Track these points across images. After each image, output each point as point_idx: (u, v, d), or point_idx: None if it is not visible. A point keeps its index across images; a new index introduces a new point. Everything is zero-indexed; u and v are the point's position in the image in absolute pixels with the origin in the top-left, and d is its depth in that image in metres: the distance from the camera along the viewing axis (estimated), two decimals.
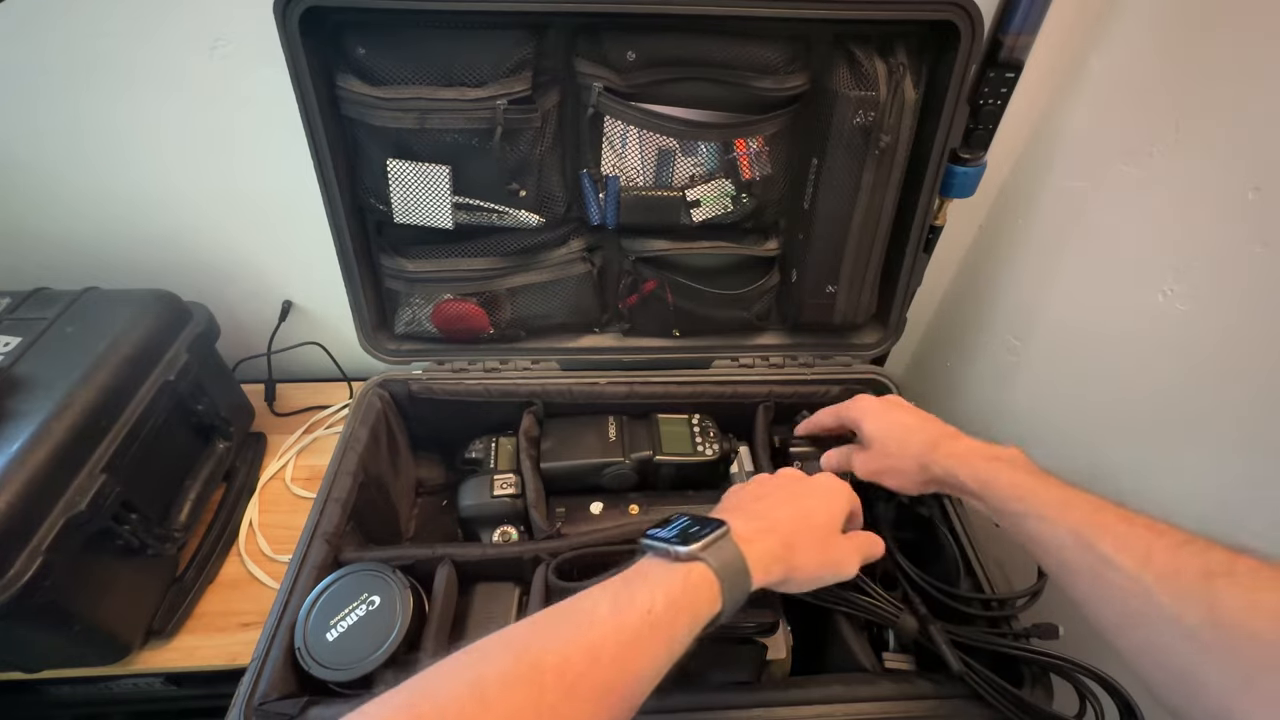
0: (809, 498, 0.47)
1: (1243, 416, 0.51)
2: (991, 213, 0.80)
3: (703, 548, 0.38)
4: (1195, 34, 0.54)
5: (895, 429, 0.56)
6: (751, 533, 0.41)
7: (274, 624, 0.51)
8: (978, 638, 0.50)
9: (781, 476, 0.50)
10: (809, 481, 0.49)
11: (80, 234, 0.82)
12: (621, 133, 0.62)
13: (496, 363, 0.74)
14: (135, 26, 0.66)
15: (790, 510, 0.45)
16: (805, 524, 0.45)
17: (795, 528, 0.44)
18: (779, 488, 0.48)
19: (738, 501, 0.48)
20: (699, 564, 0.38)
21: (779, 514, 0.45)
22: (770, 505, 0.46)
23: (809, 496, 0.47)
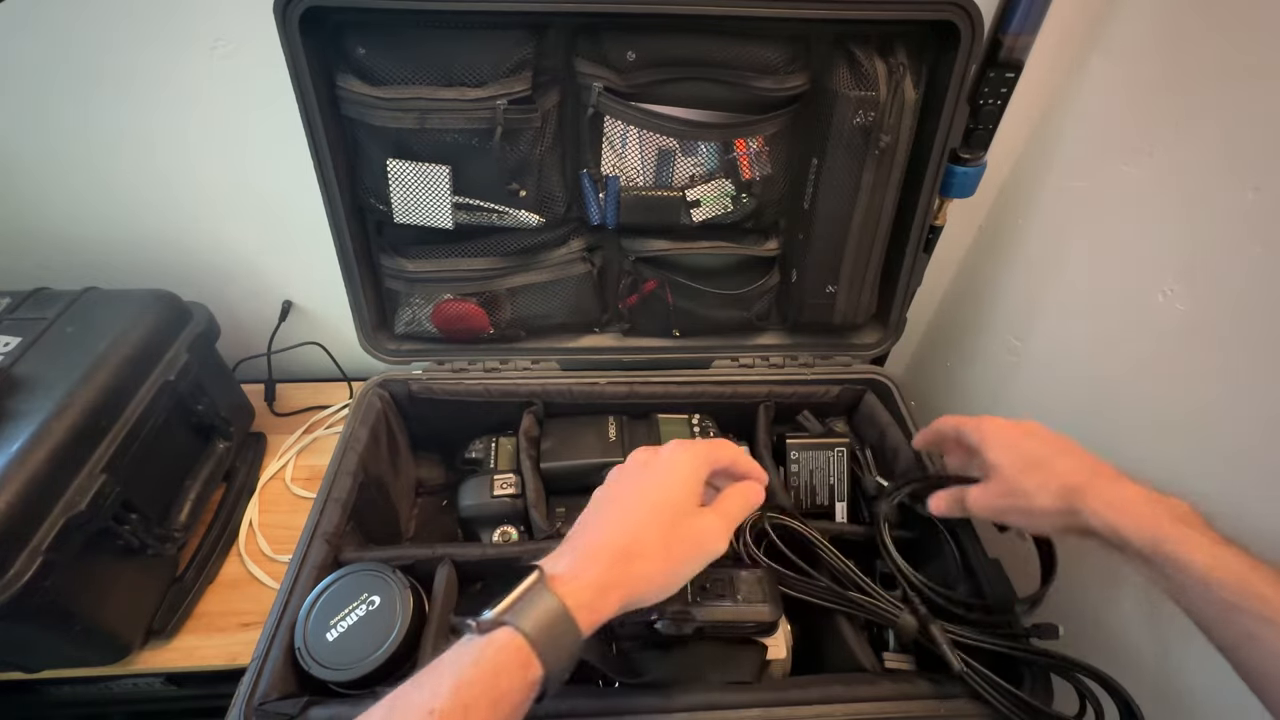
0: (643, 490, 0.41)
1: (1243, 416, 0.51)
2: (991, 213, 0.80)
3: (504, 610, 0.34)
4: (1195, 34, 0.54)
5: (1031, 463, 0.47)
6: (570, 568, 0.36)
7: (274, 624, 0.51)
8: (977, 637, 0.50)
9: (616, 473, 0.44)
10: (644, 468, 0.43)
11: (80, 234, 0.82)
12: (621, 133, 0.62)
13: (496, 363, 0.74)
14: (135, 26, 0.66)
15: (619, 516, 0.40)
16: (640, 526, 0.39)
17: (628, 536, 0.38)
18: (609, 496, 0.42)
19: (573, 532, 0.41)
20: (502, 631, 0.33)
21: (606, 528, 0.39)
22: (598, 520, 0.40)
23: (642, 489, 0.41)
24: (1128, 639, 0.61)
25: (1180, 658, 0.56)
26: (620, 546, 0.38)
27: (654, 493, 0.41)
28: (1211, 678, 0.54)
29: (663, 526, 0.40)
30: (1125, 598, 0.62)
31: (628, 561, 0.38)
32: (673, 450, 0.44)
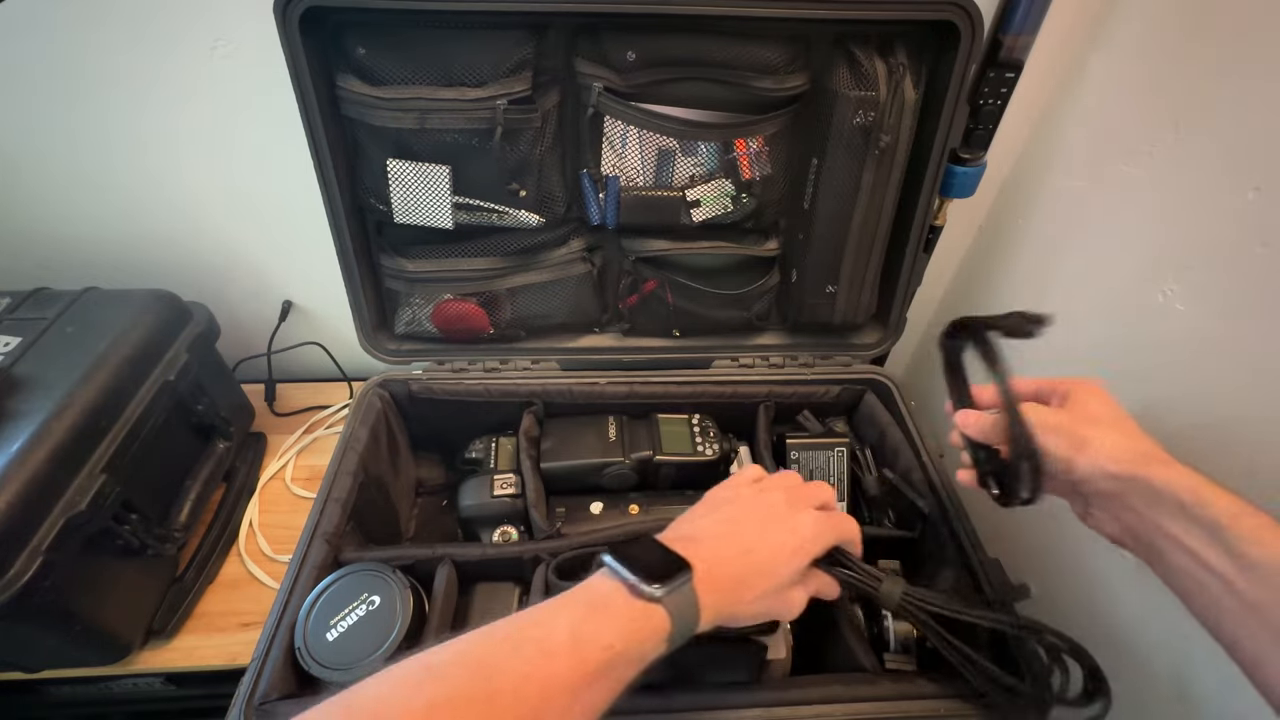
0: (778, 536, 0.43)
1: (1243, 416, 0.51)
2: (991, 213, 0.80)
3: (668, 592, 0.37)
4: (1195, 34, 0.54)
5: (1119, 411, 0.47)
6: (709, 578, 0.39)
7: (274, 624, 0.51)
8: (947, 605, 0.48)
9: (753, 501, 0.46)
10: (784, 517, 0.44)
11: (80, 234, 0.82)
12: (621, 133, 0.62)
13: (496, 363, 0.74)
14: (135, 27, 0.66)
15: (753, 549, 0.42)
16: (764, 571, 0.42)
17: (753, 573, 0.41)
18: (746, 519, 0.44)
19: (700, 530, 0.44)
20: (659, 608, 0.36)
21: (740, 557, 0.42)
22: (733, 544, 0.42)
23: (778, 535, 0.43)
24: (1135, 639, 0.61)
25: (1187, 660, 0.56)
26: (745, 576, 0.41)
27: (786, 551, 0.43)
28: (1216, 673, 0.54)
29: (775, 583, 0.42)
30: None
31: (740, 595, 0.41)
32: (813, 516, 0.45)
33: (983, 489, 0.51)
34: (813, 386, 0.75)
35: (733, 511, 0.45)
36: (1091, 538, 0.65)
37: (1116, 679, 0.45)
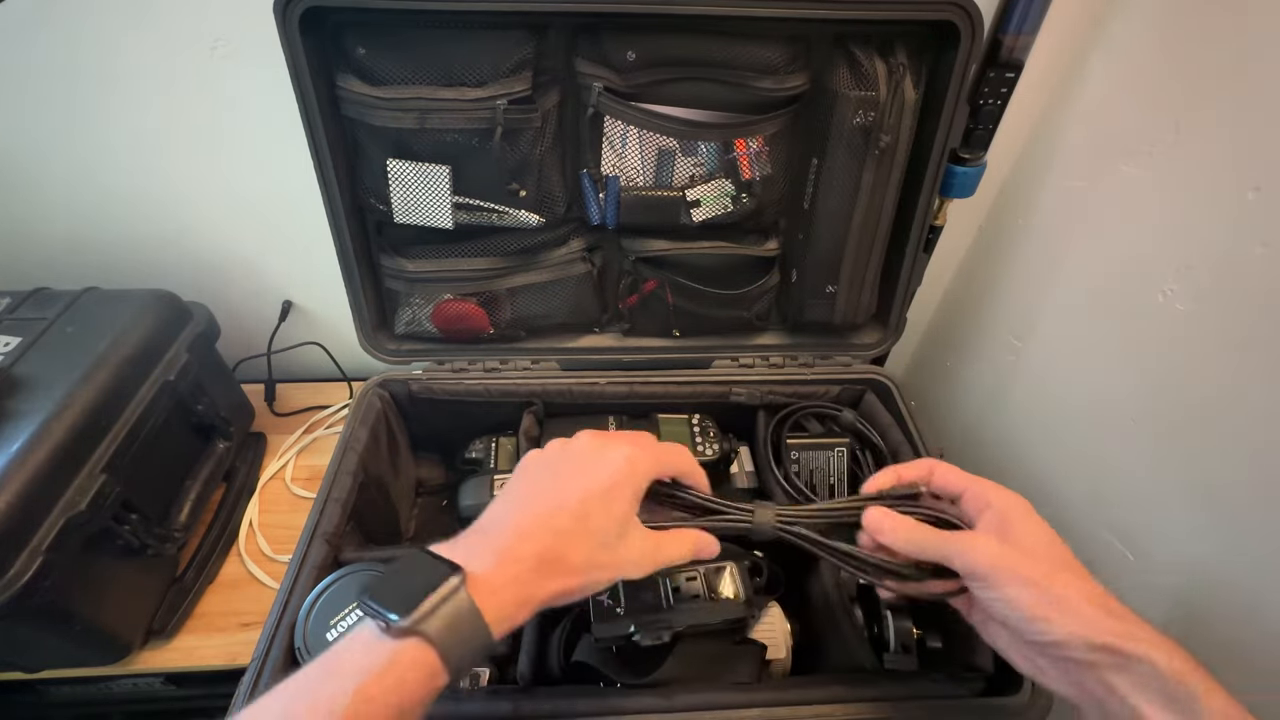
0: (582, 483, 0.37)
1: (1243, 416, 0.51)
2: (991, 213, 0.80)
3: (422, 617, 0.31)
4: (1195, 34, 0.54)
5: (1064, 546, 0.38)
6: (491, 571, 0.33)
7: (274, 624, 0.51)
8: (819, 512, 0.45)
9: (552, 460, 0.40)
10: (588, 461, 0.39)
11: (80, 234, 0.82)
12: (621, 133, 0.62)
13: (496, 363, 0.74)
14: (135, 27, 0.66)
15: (556, 511, 0.36)
16: (575, 531, 0.36)
17: (561, 538, 0.36)
18: (543, 483, 0.38)
19: (490, 517, 0.38)
20: (413, 644, 0.31)
21: (540, 528, 0.36)
22: (528, 515, 0.37)
23: (582, 482, 0.37)
24: None
25: None
26: (543, 554, 0.36)
27: (593, 498, 0.37)
28: None
29: (597, 540, 0.37)
30: None
31: (549, 574, 0.36)
32: (630, 447, 0.40)
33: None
34: (813, 386, 0.75)
35: (528, 480, 0.40)
36: (1087, 533, 0.66)
37: None
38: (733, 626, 0.56)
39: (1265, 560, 0.50)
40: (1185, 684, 0.33)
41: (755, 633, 0.59)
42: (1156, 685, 0.33)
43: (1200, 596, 0.55)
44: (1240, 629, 0.52)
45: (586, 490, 0.38)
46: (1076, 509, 0.68)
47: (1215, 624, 0.54)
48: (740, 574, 0.57)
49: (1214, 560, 0.54)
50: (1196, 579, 0.55)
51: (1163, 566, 0.59)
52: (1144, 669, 0.33)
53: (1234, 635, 0.52)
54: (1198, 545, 0.55)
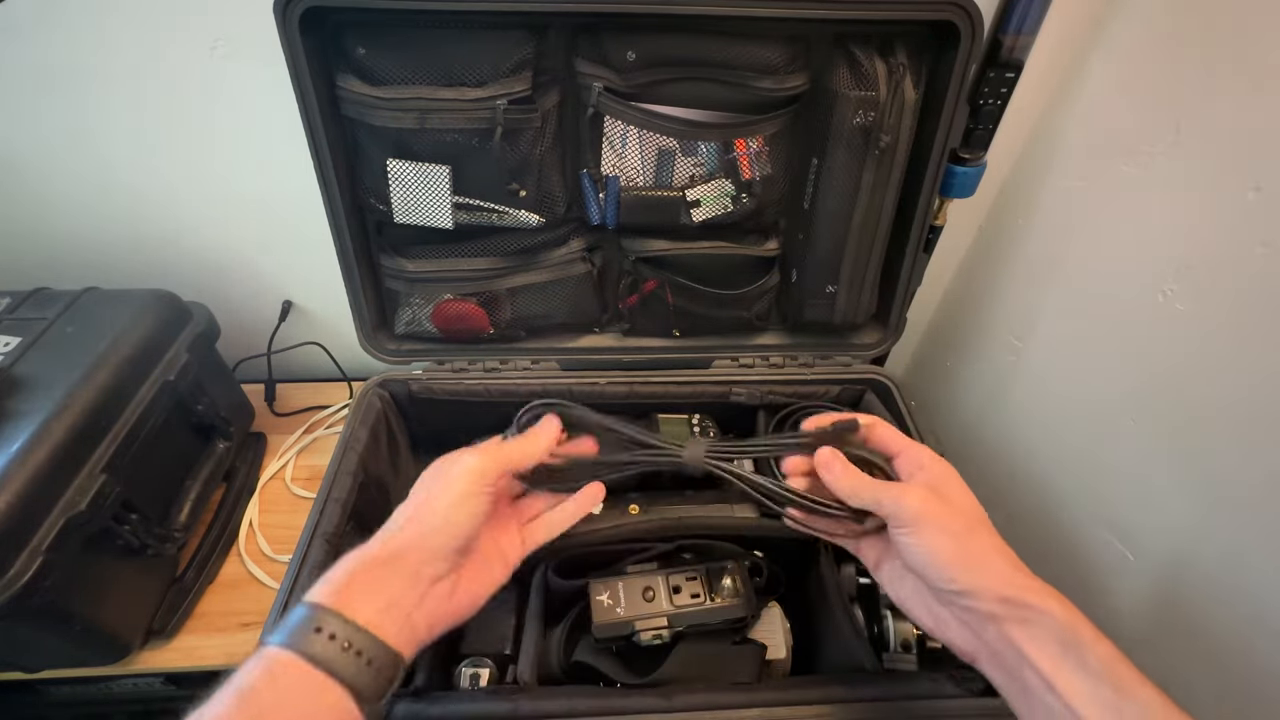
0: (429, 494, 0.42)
1: (1243, 416, 0.51)
2: (991, 213, 0.80)
3: (287, 638, 0.34)
4: (1195, 34, 0.54)
5: (983, 512, 0.42)
6: (352, 582, 0.37)
7: (274, 624, 0.51)
8: (751, 445, 0.47)
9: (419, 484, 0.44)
10: (440, 474, 0.43)
11: (80, 234, 0.82)
12: (621, 133, 0.62)
13: (496, 363, 0.74)
14: (135, 26, 0.66)
15: (406, 523, 0.41)
16: (421, 536, 0.40)
17: (407, 543, 0.39)
18: (410, 501, 0.43)
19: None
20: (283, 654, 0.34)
21: (391, 538, 0.40)
22: (389, 530, 0.41)
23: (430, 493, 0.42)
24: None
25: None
26: (394, 555, 0.39)
27: (440, 501, 0.41)
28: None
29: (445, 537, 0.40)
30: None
31: (397, 572, 0.39)
32: (478, 450, 0.44)
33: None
34: (813, 386, 0.75)
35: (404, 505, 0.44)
36: (1087, 532, 0.66)
37: None
38: (733, 626, 0.56)
39: (1265, 560, 0.50)
40: (1076, 632, 0.35)
41: (755, 633, 0.59)
42: (1053, 635, 0.35)
43: (1200, 596, 0.55)
44: (1241, 629, 0.52)
45: (435, 499, 0.42)
46: (1076, 509, 0.68)
47: (1216, 624, 0.54)
48: (740, 574, 0.57)
49: (1214, 560, 0.54)
50: (1196, 579, 0.55)
51: (1163, 566, 0.59)
52: (1043, 620, 0.36)
53: (1234, 635, 0.52)
54: (1198, 545, 0.55)
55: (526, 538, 0.47)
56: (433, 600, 0.39)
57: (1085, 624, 0.36)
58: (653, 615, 0.55)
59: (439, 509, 0.41)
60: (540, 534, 0.48)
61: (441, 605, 0.40)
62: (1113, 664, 0.34)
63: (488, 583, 0.44)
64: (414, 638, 0.38)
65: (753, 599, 0.57)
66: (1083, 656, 0.34)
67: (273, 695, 0.33)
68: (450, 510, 0.41)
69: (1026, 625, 0.36)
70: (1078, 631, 0.35)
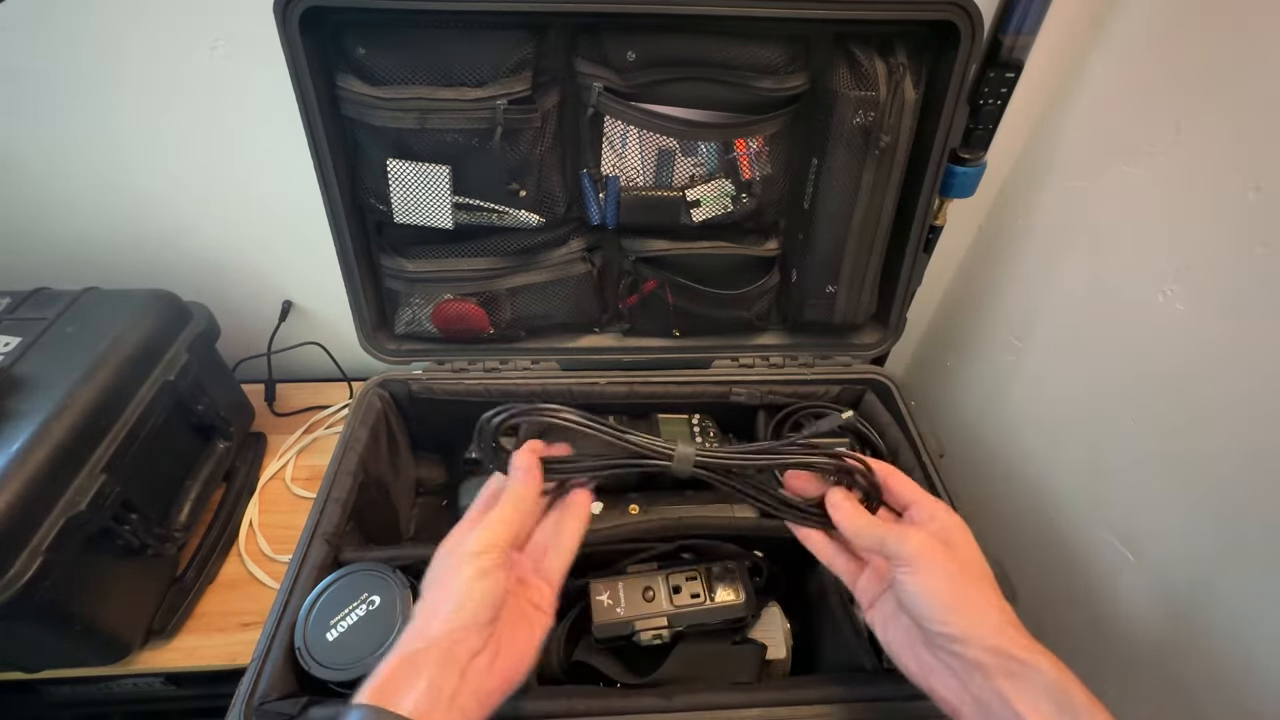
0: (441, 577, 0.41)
1: (1243, 416, 0.51)
2: (991, 213, 0.80)
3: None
4: (1195, 34, 0.54)
5: (986, 565, 0.41)
6: (393, 675, 0.36)
7: (274, 624, 0.51)
8: (737, 453, 0.46)
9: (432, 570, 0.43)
10: (450, 550, 0.42)
11: (80, 234, 0.82)
12: (621, 133, 0.62)
13: (496, 363, 0.74)
14: (136, 26, 0.66)
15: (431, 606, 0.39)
16: (438, 604, 0.39)
17: (429, 610, 0.39)
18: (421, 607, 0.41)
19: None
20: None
21: (419, 622, 0.39)
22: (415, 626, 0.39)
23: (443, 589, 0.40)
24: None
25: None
26: (427, 619, 0.39)
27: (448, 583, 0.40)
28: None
29: (462, 604, 0.39)
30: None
31: (428, 634, 0.38)
32: (479, 523, 0.42)
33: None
34: (813, 386, 0.75)
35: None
36: (1087, 533, 0.66)
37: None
38: (733, 626, 0.56)
39: (1266, 560, 0.50)
40: (1070, 694, 0.34)
41: (755, 633, 0.59)
42: (1045, 693, 0.35)
43: (1201, 597, 0.55)
44: (1241, 629, 0.52)
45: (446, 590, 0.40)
46: (1076, 509, 0.68)
47: (1216, 624, 0.54)
48: (740, 574, 0.57)
49: (1214, 560, 0.54)
50: (1196, 579, 0.55)
51: (1163, 567, 0.59)
52: (1034, 675, 0.35)
53: (1235, 635, 0.52)
54: (1198, 545, 0.55)
55: (548, 577, 0.45)
56: (475, 677, 0.38)
57: (1078, 685, 0.35)
58: (653, 615, 0.55)
59: (455, 595, 0.40)
60: (558, 565, 0.46)
61: (485, 680, 0.39)
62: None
63: (530, 639, 0.42)
64: (463, 718, 0.37)
65: (753, 599, 0.57)
66: (1075, 717, 0.34)
67: None
68: (469, 589, 0.40)
69: (1016, 679, 0.35)
70: (1070, 693, 0.34)
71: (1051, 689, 0.35)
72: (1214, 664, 0.54)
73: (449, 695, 0.37)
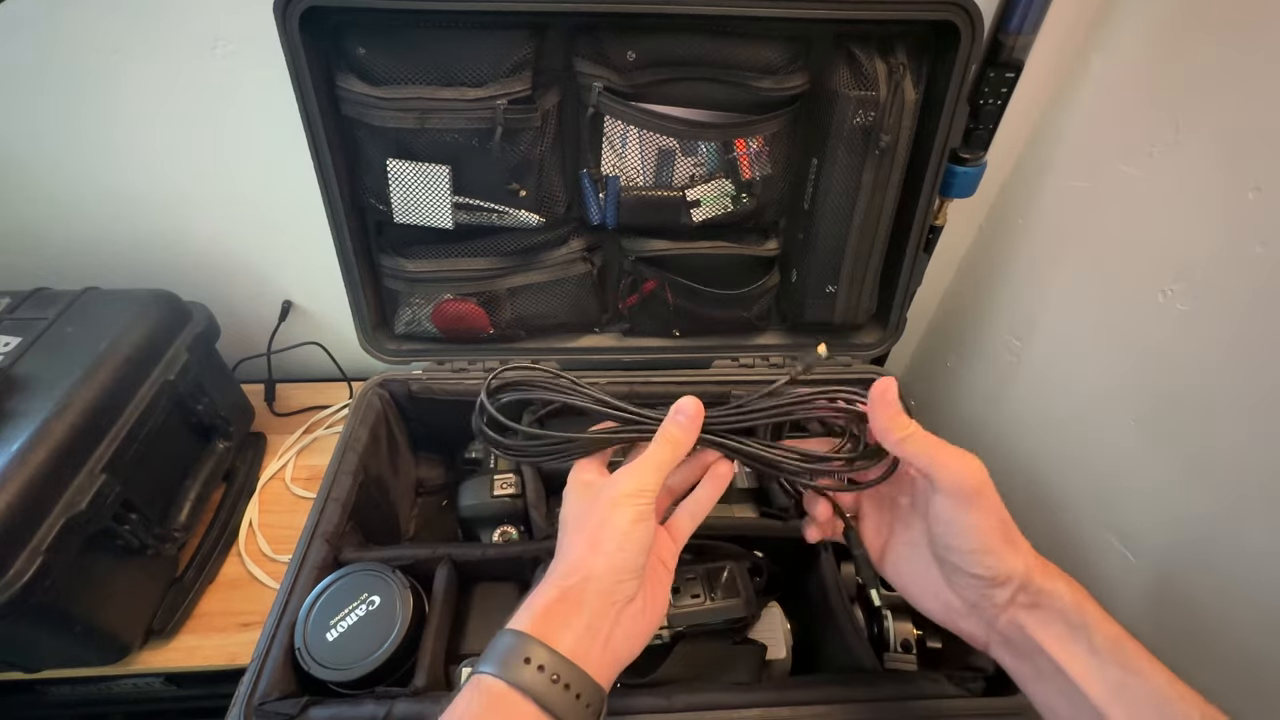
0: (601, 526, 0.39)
1: (1244, 416, 0.51)
2: (991, 213, 0.80)
3: (497, 667, 0.34)
4: (1195, 34, 0.54)
5: (995, 501, 0.38)
6: (554, 607, 0.36)
7: (274, 624, 0.51)
8: (743, 415, 0.45)
9: (569, 507, 0.42)
10: (583, 505, 0.42)
11: (80, 234, 0.82)
12: (621, 133, 0.62)
13: (496, 363, 0.74)
14: (136, 26, 0.66)
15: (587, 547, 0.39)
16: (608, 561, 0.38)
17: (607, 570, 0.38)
18: (569, 527, 0.41)
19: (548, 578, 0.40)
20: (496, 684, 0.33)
21: (578, 563, 0.38)
22: (563, 559, 0.40)
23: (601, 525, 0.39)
24: None
25: None
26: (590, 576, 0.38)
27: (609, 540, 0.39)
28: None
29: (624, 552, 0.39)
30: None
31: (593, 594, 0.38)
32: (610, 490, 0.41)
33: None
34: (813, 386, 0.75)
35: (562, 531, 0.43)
36: (1087, 533, 0.66)
37: None
38: (733, 626, 0.56)
39: (1266, 560, 0.50)
40: (1083, 614, 0.36)
41: (755, 633, 0.59)
42: (1059, 617, 0.36)
43: (1202, 597, 0.55)
44: (1242, 629, 0.52)
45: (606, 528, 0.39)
46: (1076, 509, 0.68)
47: (1217, 624, 0.54)
48: (740, 574, 0.57)
49: (1215, 561, 0.54)
50: (1197, 580, 0.55)
51: (1164, 567, 0.59)
52: (1051, 603, 0.36)
53: (1235, 636, 0.52)
54: (1199, 546, 0.55)
55: (675, 535, 0.44)
56: (628, 620, 0.38)
57: (1091, 604, 0.36)
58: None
59: (616, 534, 0.39)
60: (686, 526, 0.45)
61: (636, 624, 0.39)
62: (1119, 643, 0.35)
63: (663, 593, 0.42)
64: (615, 662, 0.38)
65: (753, 599, 0.57)
66: (1090, 638, 0.35)
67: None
68: (629, 531, 0.39)
69: (1035, 610, 0.36)
70: (1084, 613, 0.36)
71: (1067, 612, 0.36)
72: (1215, 664, 0.53)
73: (605, 636, 0.37)
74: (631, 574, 0.38)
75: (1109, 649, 0.35)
